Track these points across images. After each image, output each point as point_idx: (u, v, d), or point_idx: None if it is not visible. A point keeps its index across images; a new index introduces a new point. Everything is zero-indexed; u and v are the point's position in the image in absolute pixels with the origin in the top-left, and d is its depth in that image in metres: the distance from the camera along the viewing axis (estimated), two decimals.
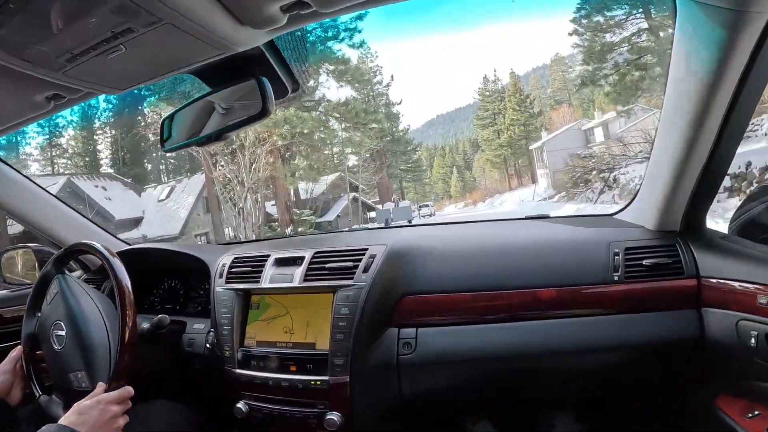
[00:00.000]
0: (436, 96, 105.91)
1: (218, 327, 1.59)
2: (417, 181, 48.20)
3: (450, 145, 63.30)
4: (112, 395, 1.22)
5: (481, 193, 49.71)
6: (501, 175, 48.25)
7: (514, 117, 44.28)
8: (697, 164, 1.24)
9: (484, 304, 1.46)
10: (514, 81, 46.30)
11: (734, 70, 1.02)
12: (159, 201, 22.42)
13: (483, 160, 50.24)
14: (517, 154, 44.78)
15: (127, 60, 0.91)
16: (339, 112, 27.81)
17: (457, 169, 57.36)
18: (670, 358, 1.42)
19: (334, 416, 1.38)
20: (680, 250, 1.41)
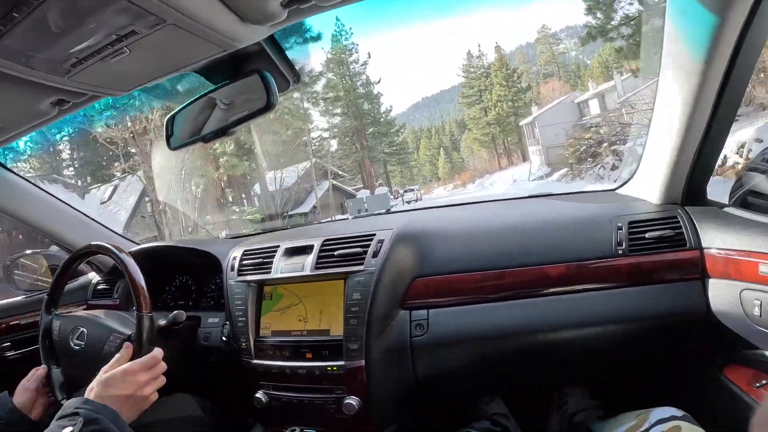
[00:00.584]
0: (421, 79, 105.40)
1: (233, 319, 1.61)
2: (402, 164, 46.68)
3: (436, 126, 62.09)
4: (138, 363, 1.18)
5: (470, 173, 48.39)
6: (490, 154, 46.60)
7: (501, 93, 42.52)
8: (695, 136, 1.26)
9: (494, 282, 1.48)
10: (499, 55, 44.42)
11: (727, 40, 1.03)
12: (101, 203, 20.37)
13: (470, 139, 48.44)
14: (506, 131, 43.14)
15: (131, 62, 0.92)
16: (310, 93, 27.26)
17: (445, 151, 55.93)
18: (677, 329, 1.44)
19: (351, 400, 1.41)
20: (682, 222, 1.42)
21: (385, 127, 41.12)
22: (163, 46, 0.88)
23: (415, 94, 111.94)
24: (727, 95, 1.13)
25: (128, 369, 1.16)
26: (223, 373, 1.71)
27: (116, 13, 0.75)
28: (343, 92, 38.07)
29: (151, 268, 1.72)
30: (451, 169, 53.66)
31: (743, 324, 1.25)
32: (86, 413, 1.00)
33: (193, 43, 0.88)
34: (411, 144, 54.48)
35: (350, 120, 38.43)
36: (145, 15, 0.76)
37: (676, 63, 1.18)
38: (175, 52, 0.94)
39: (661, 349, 1.56)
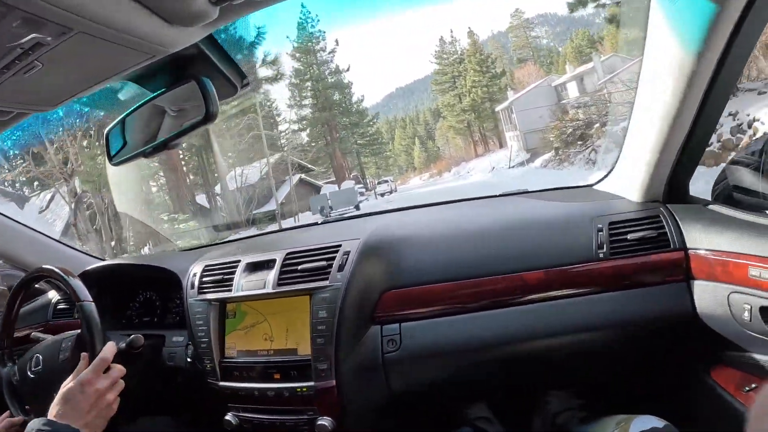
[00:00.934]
0: (394, 69, 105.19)
1: (196, 340, 1.53)
2: (377, 155, 46.11)
3: (410, 116, 62.17)
4: (91, 370, 1.16)
5: (446, 162, 48.21)
6: (465, 141, 46.40)
7: (475, 78, 42.21)
8: (680, 132, 1.20)
9: (468, 292, 1.42)
10: (473, 41, 44.11)
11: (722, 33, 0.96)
12: (39, 212, 18.57)
13: (445, 127, 48.23)
14: (482, 117, 42.85)
15: (49, 75, 0.83)
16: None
17: (420, 140, 55.81)
18: (662, 332, 1.39)
19: (324, 421, 1.35)
20: (665, 221, 1.37)
21: (357, 118, 40.55)
22: (80, 56, 0.79)
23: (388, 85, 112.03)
24: (717, 88, 1.07)
25: (84, 379, 1.13)
26: (190, 394, 1.64)
27: (14, 25, 0.66)
28: (311, 82, 37.36)
29: (112, 285, 1.67)
30: (426, 158, 53.50)
31: (731, 328, 1.20)
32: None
33: (114, 51, 0.79)
34: (386, 134, 54.38)
35: (319, 111, 37.75)
36: (47, 24, 0.66)
37: (662, 53, 1.11)
38: (96, 62, 0.84)
39: (646, 353, 1.51)
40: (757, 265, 1.08)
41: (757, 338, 1.14)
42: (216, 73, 0.99)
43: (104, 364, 1.18)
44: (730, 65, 1.03)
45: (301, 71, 37.69)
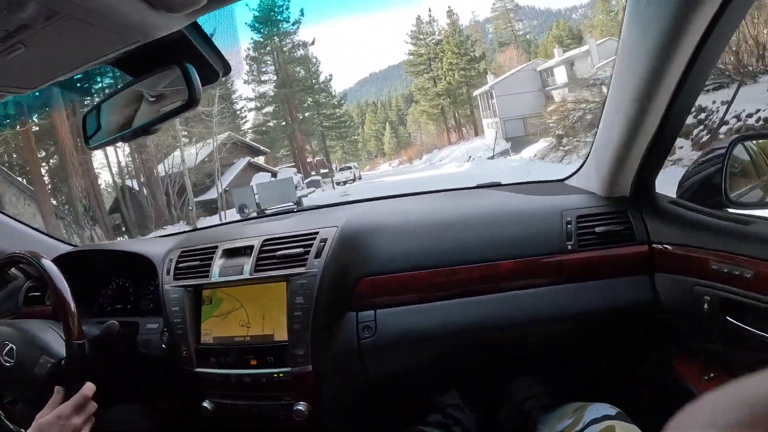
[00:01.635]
0: (368, 55, 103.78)
1: (171, 326, 1.53)
2: (343, 139, 43.87)
3: (383, 101, 60.34)
4: (69, 405, 1.15)
5: (417, 149, 47.31)
6: (439, 128, 44.79)
7: (453, 61, 40.38)
8: (647, 130, 1.24)
9: (442, 280, 1.45)
10: (452, 21, 42.35)
11: (691, 37, 0.99)
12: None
13: (418, 112, 46.55)
14: (457, 103, 41.13)
15: (31, 57, 0.82)
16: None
17: (390, 125, 54.17)
18: (626, 322, 1.45)
19: (301, 406, 1.36)
20: (631, 216, 1.42)
21: (324, 97, 38.60)
22: (65, 39, 0.78)
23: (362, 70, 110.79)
24: (686, 87, 1.11)
25: (62, 413, 1.13)
26: (166, 381, 1.63)
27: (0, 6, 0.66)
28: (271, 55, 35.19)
29: (85, 271, 1.65)
30: (397, 144, 51.90)
31: (692, 319, 1.26)
32: None
33: (99, 35, 0.79)
34: (356, 118, 52.68)
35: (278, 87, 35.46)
36: (33, 6, 0.66)
37: (634, 53, 1.14)
38: (79, 46, 0.84)
39: (611, 342, 1.57)
40: (718, 258, 1.14)
41: (716, 329, 1.20)
42: (199, 59, 0.99)
43: (84, 401, 1.17)
44: (698, 68, 1.07)
45: (261, 43, 35.44)
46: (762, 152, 1.34)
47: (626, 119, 1.25)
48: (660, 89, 1.12)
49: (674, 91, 1.11)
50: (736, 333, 1.13)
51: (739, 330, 1.12)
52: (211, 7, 0.82)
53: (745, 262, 1.07)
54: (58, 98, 15.55)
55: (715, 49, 1.03)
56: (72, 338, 1.27)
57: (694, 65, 1.05)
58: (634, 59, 1.14)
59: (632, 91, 1.18)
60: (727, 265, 1.11)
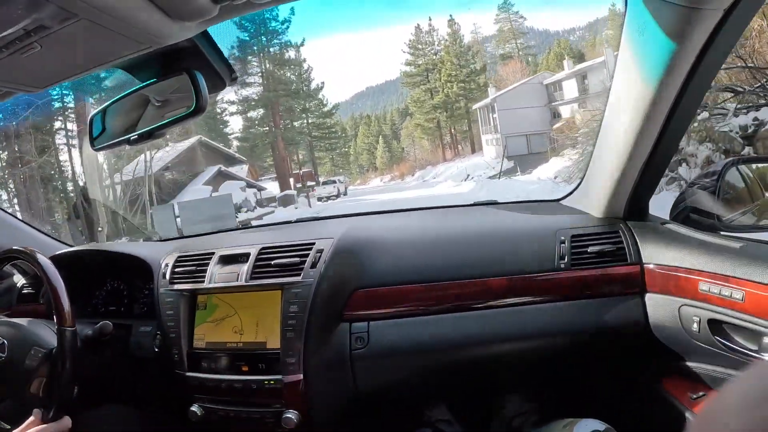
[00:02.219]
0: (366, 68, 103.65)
1: (165, 330, 1.53)
2: (333, 150, 41.82)
3: (378, 115, 57.61)
4: (50, 428, 1.16)
5: (410, 165, 44.64)
6: (433, 144, 42.35)
7: (452, 72, 38.00)
8: (641, 154, 1.27)
9: (436, 294, 1.46)
10: (452, 30, 39.69)
11: (682, 66, 1.03)
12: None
13: (412, 125, 44.35)
14: (455, 117, 38.77)
15: (44, 58, 0.83)
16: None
17: (384, 139, 51.52)
18: (616, 341, 1.47)
19: (290, 414, 1.37)
20: (624, 237, 1.45)
21: (313, 105, 36.30)
22: (79, 41, 0.80)
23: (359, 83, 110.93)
24: (677, 115, 1.14)
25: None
26: (157, 384, 1.63)
27: (21, 6, 0.67)
28: (257, 56, 32.73)
29: (80, 272, 1.65)
30: (390, 159, 49.63)
31: (681, 339, 1.28)
32: None
33: (113, 39, 0.80)
34: (350, 131, 51.17)
35: (263, 91, 33.18)
36: (54, 9, 0.68)
37: (629, 79, 1.18)
38: (93, 48, 0.86)
39: (601, 360, 1.59)
40: (708, 280, 1.16)
41: (705, 349, 1.22)
42: (206, 67, 1.01)
43: (65, 428, 1.19)
44: (691, 95, 1.10)
45: (247, 42, 33.07)
46: (755, 176, 1.38)
47: (621, 142, 1.28)
48: (654, 113, 1.15)
49: (668, 115, 1.15)
50: (724, 353, 1.16)
51: (727, 350, 1.14)
52: (222, 18, 0.85)
53: (735, 285, 1.09)
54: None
55: (707, 74, 1.07)
56: (63, 324, 1.27)
57: (686, 90, 1.08)
58: (630, 84, 1.17)
59: (627, 115, 1.21)
60: (717, 286, 1.13)
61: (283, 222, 2.15)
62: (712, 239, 1.24)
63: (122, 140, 1.11)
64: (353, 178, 46.60)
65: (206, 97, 0.96)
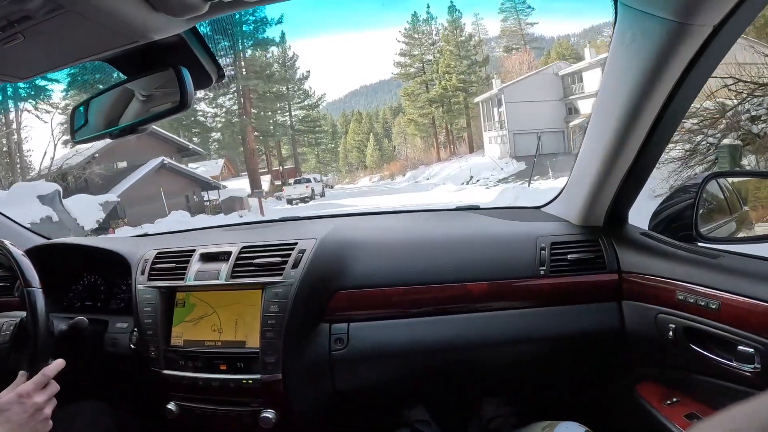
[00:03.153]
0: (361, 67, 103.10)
1: (142, 326, 1.51)
2: (317, 146, 39.24)
3: (369, 112, 55.06)
4: (32, 383, 1.13)
5: (401, 164, 41.86)
6: (427, 142, 40.26)
7: (450, 63, 34.94)
8: (623, 164, 1.29)
9: (416, 297, 1.48)
10: (453, 18, 36.49)
11: (668, 80, 1.05)
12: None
13: (405, 121, 41.08)
14: (452, 112, 36.13)
15: (28, 48, 0.82)
16: None
17: (375, 137, 49.59)
18: (593, 347, 1.49)
19: (268, 414, 1.37)
20: (603, 245, 1.47)
21: (294, 92, 32.97)
22: (65, 33, 0.79)
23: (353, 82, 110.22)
24: (660, 127, 1.16)
25: (23, 391, 1.10)
26: (132, 381, 1.62)
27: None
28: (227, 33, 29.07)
29: (56, 265, 1.63)
30: (380, 157, 48.31)
31: (657, 346, 1.31)
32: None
33: (99, 32, 0.80)
34: (341, 127, 49.67)
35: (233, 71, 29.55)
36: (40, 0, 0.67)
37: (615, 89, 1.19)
38: (78, 41, 0.85)
39: (578, 365, 1.60)
40: (683, 290, 1.19)
41: (680, 356, 1.24)
42: (193, 63, 1.00)
43: (46, 380, 1.16)
44: (675, 107, 1.12)
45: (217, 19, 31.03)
46: (734, 189, 1.41)
47: (604, 152, 1.30)
48: (638, 124, 1.17)
49: (650, 127, 1.17)
50: (698, 360, 1.18)
51: (702, 357, 1.17)
52: (212, 14, 0.84)
53: (711, 295, 1.12)
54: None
55: (693, 88, 1.09)
56: (29, 285, 1.27)
57: (671, 103, 1.10)
58: (616, 94, 1.18)
59: (611, 125, 1.23)
60: (693, 296, 1.16)
61: (266, 221, 2.14)
62: (690, 250, 1.26)
63: (104, 133, 1.09)
64: (342, 177, 45.28)
65: (192, 93, 0.95)
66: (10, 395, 1.09)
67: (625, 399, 1.48)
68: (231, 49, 29.94)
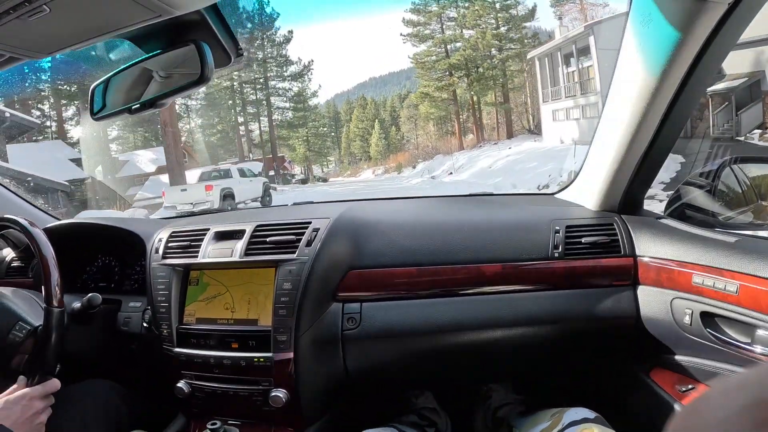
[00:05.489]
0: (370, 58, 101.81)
1: (155, 304, 1.53)
2: (300, 127, 31.68)
3: (377, 101, 47.52)
4: (37, 390, 1.19)
5: (410, 154, 33.22)
6: (441, 130, 30.78)
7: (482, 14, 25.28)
8: (638, 149, 1.29)
9: (429, 278, 1.48)
10: None
11: (685, 59, 1.04)
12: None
13: (416, 96, 30.69)
14: (484, 81, 25.79)
15: (52, 22, 0.83)
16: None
17: (380, 124, 42.20)
18: (607, 332, 1.49)
19: (279, 393, 1.37)
20: (618, 229, 1.47)
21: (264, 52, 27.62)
22: (89, 6, 0.80)
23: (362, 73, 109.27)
24: (675, 111, 1.16)
25: (27, 394, 1.17)
26: (144, 359, 1.64)
27: None
28: None
29: (71, 246, 1.64)
30: (386, 147, 41.11)
31: (672, 331, 1.30)
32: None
33: (124, 5, 0.80)
34: (344, 115, 45.12)
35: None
36: None
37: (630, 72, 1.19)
38: (102, 14, 0.85)
39: (590, 350, 1.60)
40: (701, 273, 1.18)
41: (695, 341, 1.24)
42: (213, 39, 1.01)
43: (53, 390, 1.22)
44: (691, 89, 1.12)
45: None
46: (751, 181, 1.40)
47: (619, 137, 1.30)
48: (654, 108, 1.17)
49: (667, 110, 1.16)
50: (715, 346, 1.18)
51: (719, 342, 1.17)
52: None
53: (729, 278, 1.11)
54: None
55: (708, 68, 1.08)
56: (51, 304, 1.26)
57: (687, 84, 1.10)
58: (631, 77, 1.18)
59: (627, 109, 1.23)
60: (711, 279, 1.16)
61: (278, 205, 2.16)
62: (706, 233, 1.26)
63: (123, 110, 1.11)
64: (343, 169, 42.61)
65: (212, 67, 0.96)
66: (17, 394, 1.16)
67: (637, 385, 1.49)
68: None
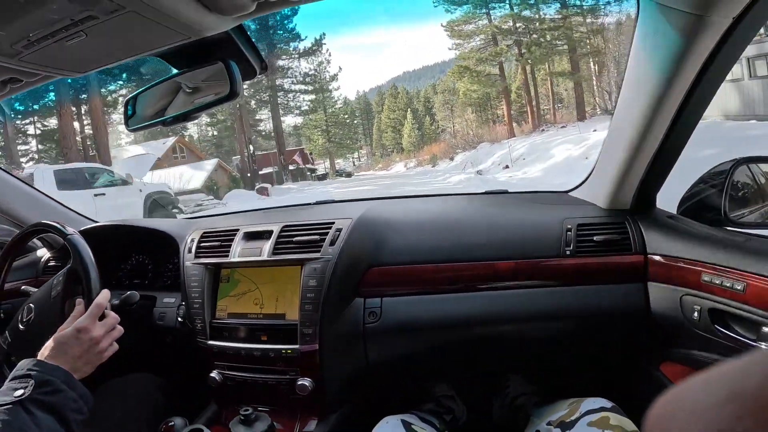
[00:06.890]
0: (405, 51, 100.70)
1: (189, 300, 1.62)
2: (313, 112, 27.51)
3: (411, 93, 44.61)
4: (87, 316, 1.15)
5: (447, 144, 28.39)
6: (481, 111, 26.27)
7: None
8: (649, 149, 1.31)
9: (446, 275, 1.54)
10: None
11: (689, 71, 1.07)
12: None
13: (454, 71, 26.07)
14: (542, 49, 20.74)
15: (88, 45, 0.89)
16: None
17: (413, 114, 39.75)
18: (617, 327, 1.53)
19: (305, 382, 1.45)
20: (629, 227, 1.50)
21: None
22: (123, 31, 0.86)
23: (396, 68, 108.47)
24: (687, 112, 1.18)
25: (80, 326, 1.13)
26: (178, 352, 1.72)
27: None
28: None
29: (106, 246, 1.71)
30: (420, 138, 37.99)
31: (682, 326, 1.33)
32: (38, 375, 0.98)
33: (155, 29, 0.87)
34: (376, 107, 43.34)
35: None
36: (103, 1, 0.74)
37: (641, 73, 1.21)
38: (135, 38, 0.92)
39: (601, 344, 1.65)
40: (710, 271, 1.22)
41: (705, 337, 1.27)
42: (239, 56, 1.08)
43: (99, 310, 1.18)
44: (701, 92, 1.14)
45: None
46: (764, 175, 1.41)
47: (631, 136, 1.32)
48: (664, 108, 1.19)
49: (677, 110, 1.18)
50: (722, 341, 1.21)
51: (726, 338, 1.20)
52: (258, 12, 0.91)
53: (737, 276, 1.14)
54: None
55: (717, 73, 1.10)
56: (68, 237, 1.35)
57: (696, 88, 1.12)
58: (642, 78, 1.21)
59: (638, 109, 1.25)
60: (719, 277, 1.19)
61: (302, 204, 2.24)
62: (717, 233, 1.28)
63: (157, 122, 1.19)
64: (375, 162, 40.13)
65: (240, 83, 1.04)
66: (69, 329, 1.12)
67: (648, 378, 1.52)
68: None
